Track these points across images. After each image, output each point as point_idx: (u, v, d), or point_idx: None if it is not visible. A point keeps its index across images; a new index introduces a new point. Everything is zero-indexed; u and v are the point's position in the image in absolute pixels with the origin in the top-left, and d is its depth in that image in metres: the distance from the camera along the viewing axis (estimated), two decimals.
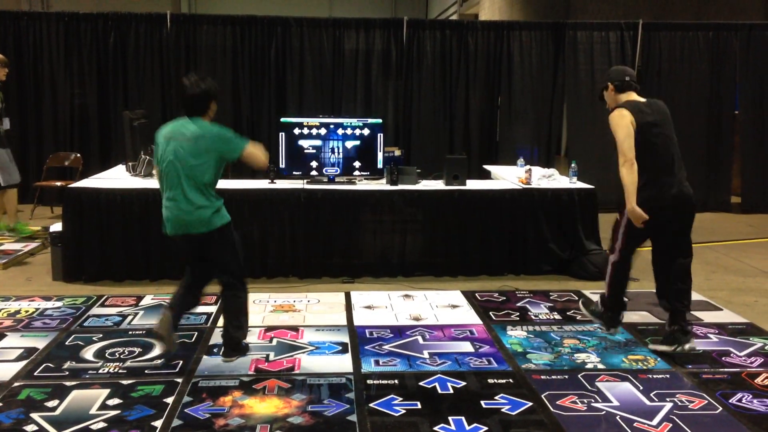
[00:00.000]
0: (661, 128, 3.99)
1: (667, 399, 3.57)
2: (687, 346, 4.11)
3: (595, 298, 5.19)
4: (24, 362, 3.91)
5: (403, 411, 3.40)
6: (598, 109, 9.31)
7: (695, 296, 5.36)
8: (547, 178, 6.16)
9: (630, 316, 4.84)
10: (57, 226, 5.59)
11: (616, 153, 3.98)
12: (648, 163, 3.95)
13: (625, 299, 4.43)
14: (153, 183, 5.83)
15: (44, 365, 3.88)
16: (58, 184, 8.01)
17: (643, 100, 4.06)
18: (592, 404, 3.50)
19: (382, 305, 5.07)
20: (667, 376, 3.87)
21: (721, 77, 9.34)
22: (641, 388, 3.70)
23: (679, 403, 3.52)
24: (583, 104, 9.39)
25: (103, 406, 3.39)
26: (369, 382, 3.73)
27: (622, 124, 3.90)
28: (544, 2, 12.53)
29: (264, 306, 4.99)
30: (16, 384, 3.63)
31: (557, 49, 9.36)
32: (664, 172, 4.01)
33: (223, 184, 5.94)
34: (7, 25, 8.87)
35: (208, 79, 4.01)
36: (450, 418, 3.32)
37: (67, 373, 3.79)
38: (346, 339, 4.37)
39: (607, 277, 4.31)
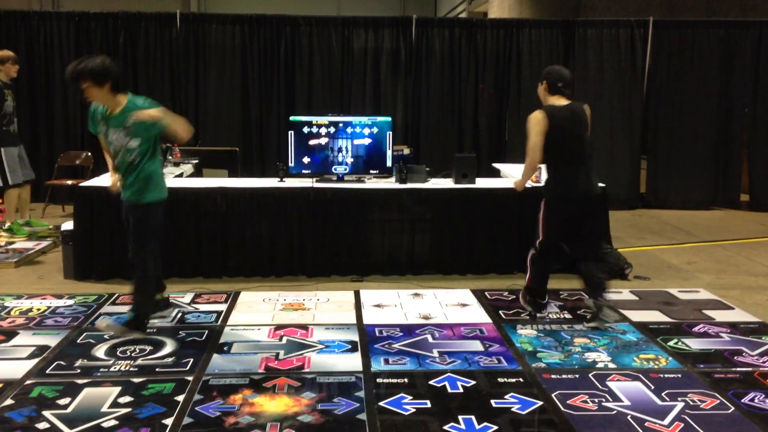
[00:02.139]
0: (572, 130, 4.46)
1: (679, 398, 3.55)
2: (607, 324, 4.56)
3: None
4: (36, 360, 3.93)
5: (413, 410, 3.40)
6: (608, 108, 9.32)
7: (706, 295, 5.35)
8: None
9: (641, 315, 4.84)
10: (68, 225, 5.62)
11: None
12: (560, 161, 4.49)
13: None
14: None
15: (56, 363, 3.90)
16: (69, 182, 8.05)
17: (565, 103, 4.52)
18: (603, 404, 3.49)
19: (392, 304, 5.07)
20: (679, 375, 3.85)
21: (731, 75, 9.28)
22: (652, 387, 3.68)
23: (691, 403, 3.50)
24: (592, 103, 9.33)
25: (115, 404, 3.40)
26: (379, 380, 3.73)
27: (535, 129, 4.41)
28: (553, 0, 12.50)
29: (274, 304, 5.00)
30: (28, 382, 3.65)
31: (567, 48, 9.33)
32: (573, 170, 4.50)
33: (231, 182, 5.99)
34: (18, 24, 8.92)
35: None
36: (460, 417, 3.31)
37: (79, 371, 3.80)
38: (355, 337, 4.37)
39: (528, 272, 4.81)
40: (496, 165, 7.75)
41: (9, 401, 3.42)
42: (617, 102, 9.34)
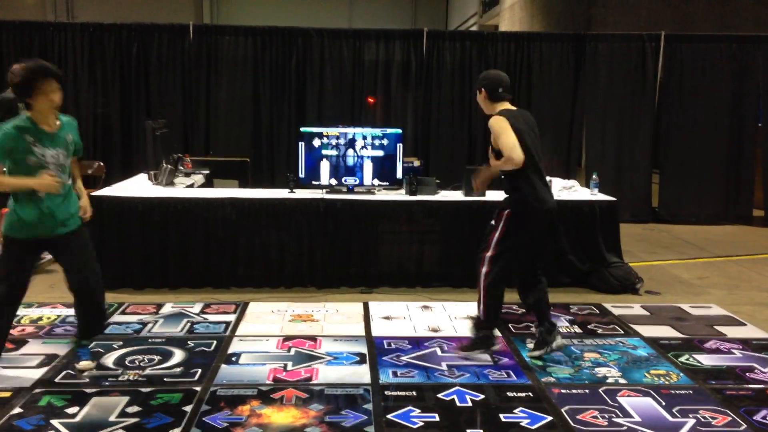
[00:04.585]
0: (531, 135, 4.15)
1: (690, 415, 3.51)
2: (554, 345, 4.22)
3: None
4: (45, 369, 3.94)
5: (421, 423, 3.38)
6: (618, 121, 9.29)
7: (718, 311, 5.31)
8: (568, 190, 6.12)
9: (652, 331, 4.80)
10: None
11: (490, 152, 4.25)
12: (529, 169, 4.09)
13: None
14: (174, 192, 5.88)
15: (65, 372, 3.91)
16: None
17: (514, 108, 4.22)
18: (614, 419, 3.45)
19: (401, 316, 5.05)
20: (690, 391, 3.81)
21: (744, 90, 9.24)
22: (663, 403, 3.64)
23: (702, 420, 3.46)
24: (602, 116, 9.35)
25: (123, 414, 3.40)
26: (387, 393, 3.72)
27: (506, 127, 4.02)
28: (565, 14, 12.51)
29: (282, 315, 4.99)
30: (36, 390, 3.66)
31: (578, 61, 9.32)
32: (541, 178, 4.18)
33: (241, 192, 6.00)
34: (32, 35, 9.00)
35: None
36: None
37: (88, 380, 3.81)
38: (364, 349, 4.36)
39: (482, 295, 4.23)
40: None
41: (18, 410, 3.43)
42: (628, 116, 9.31)
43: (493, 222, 4.26)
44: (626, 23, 10.83)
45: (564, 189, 6.12)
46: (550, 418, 3.45)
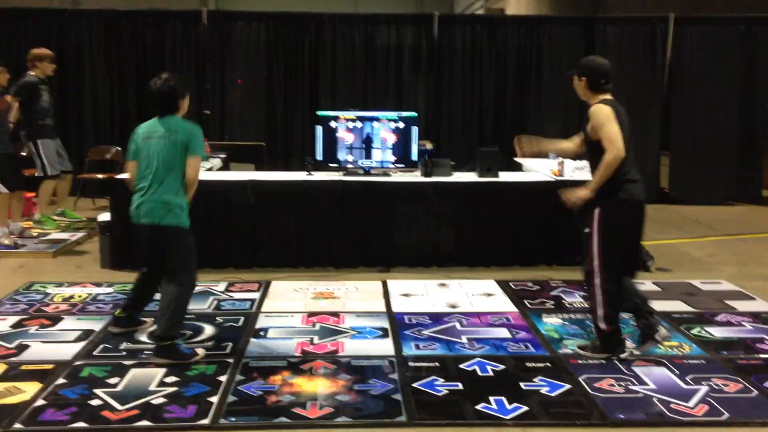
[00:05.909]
0: (628, 131, 3.92)
1: (703, 382, 3.66)
2: (658, 336, 4.15)
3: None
4: (83, 343, 4.10)
5: (446, 391, 3.53)
6: (627, 104, 9.34)
7: (728, 286, 5.45)
8: (580, 170, 6.23)
9: (664, 305, 4.93)
10: (105, 216, 5.80)
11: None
12: (631, 160, 3.90)
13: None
14: None
15: (102, 346, 4.07)
16: (100, 176, 8.24)
17: (613, 99, 3.98)
18: (630, 387, 3.61)
19: (419, 293, 5.20)
20: (703, 361, 3.96)
21: (754, 71, 9.31)
22: (677, 372, 3.79)
23: (715, 387, 3.61)
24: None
25: (162, 384, 3.56)
26: (411, 364, 3.87)
27: (611, 117, 3.81)
28: None
29: (304, 293, 5.15)
30: (77, 363, 3.82)
31: (587, 44, 9.40)
32: (636, 168, 4.00)
33: (261, 175, 6.14)
34: (49, 22, 9.12)
35: (176, 76, 4.18)
36: (491, 398, 3.45)
37: (125, 353, 3.97)
38: (386, 324, 4.51)
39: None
40: (518, 159, 7.84)
41: (62, 380, 3.60)
42: (637, 98, 9.38)
43: (587, 230, 3.97)
44: (635, 4, 10.90)
45: (576, 169, 6.23)
46: (568, 386, 3.60)
